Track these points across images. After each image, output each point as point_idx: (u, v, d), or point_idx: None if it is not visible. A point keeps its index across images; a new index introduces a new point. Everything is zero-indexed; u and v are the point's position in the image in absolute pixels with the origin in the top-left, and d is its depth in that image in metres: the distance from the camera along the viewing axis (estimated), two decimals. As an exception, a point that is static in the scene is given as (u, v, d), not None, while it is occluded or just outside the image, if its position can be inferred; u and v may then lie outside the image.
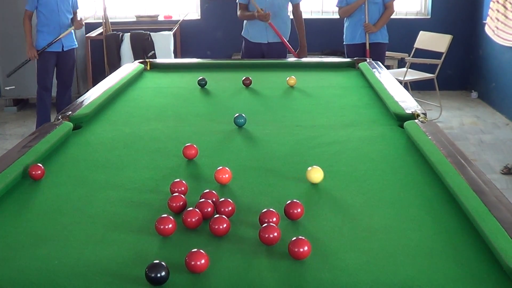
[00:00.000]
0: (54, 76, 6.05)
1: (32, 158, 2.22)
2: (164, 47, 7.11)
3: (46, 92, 6.01)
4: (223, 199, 1.75)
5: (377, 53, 5.88)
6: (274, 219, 1.65)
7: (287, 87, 3.46)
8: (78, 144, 2.51)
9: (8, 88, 7.07)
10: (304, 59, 4.86)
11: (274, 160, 2.26)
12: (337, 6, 6.10)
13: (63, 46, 5.87)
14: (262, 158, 2.30)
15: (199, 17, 7.85)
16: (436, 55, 6.50)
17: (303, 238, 1.48)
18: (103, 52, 7.22)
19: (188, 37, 7.80)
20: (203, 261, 1.41)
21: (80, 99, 3.13)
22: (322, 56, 7.22)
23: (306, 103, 3.16)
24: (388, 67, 6.79)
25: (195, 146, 2.26)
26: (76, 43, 6.09)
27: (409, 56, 6.77)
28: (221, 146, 2.47)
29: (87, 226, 1.71)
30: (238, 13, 5.56)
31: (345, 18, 6.07)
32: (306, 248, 1.46)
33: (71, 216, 1.79)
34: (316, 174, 1.96)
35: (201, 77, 3.58)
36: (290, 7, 5.60)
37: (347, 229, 1.56)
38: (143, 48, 6.99)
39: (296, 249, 1.46)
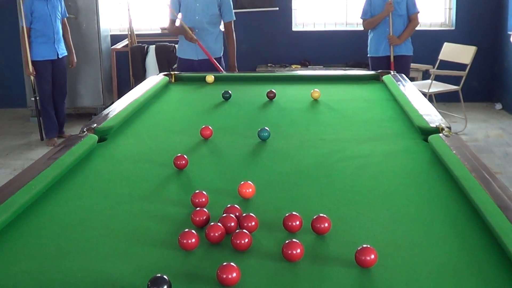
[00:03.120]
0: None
1: (57, 171, 2.24)
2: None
3: (49, 100, 6.25)
4: (246, 213, 1.75)
5: (402, 66, 5.87)
6: (297, 222, 1.68)
7: (311, 100, 3.46)
8: (102, 156, 2.53)
9: (33, 98, 7.16)
10: (328, 72, 4.85)
11: (297, 174, 2.26)
12: (361, 18, 6.11)
13: (58, 54, 6.15)
14: (285, 172, 2.30)
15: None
16: (460, 66, 6.46)
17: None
18: (128, 64, 7.30)
19: (212, 49, 7.84)
20: (234, 274, 1.41)
21: (105, 111, 3.16)
22: (346, 69, 7.21)
23: (330, 117, 3.16)
24: (412, 79, 6.77)
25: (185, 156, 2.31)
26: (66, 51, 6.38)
27: (433, 68, 6.73)
28: (245, 160, 2.48)
29: (110, 239, 1.72)
30: (167, 27, 5.61)
31: (369, 31, 6.07)
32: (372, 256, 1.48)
33: (94, 229, 1.80)
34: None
35: (225, 90, 3.60)
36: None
37: (370, 245, 1.55)
38: (168, 60, 7.05)
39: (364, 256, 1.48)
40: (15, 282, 1.47)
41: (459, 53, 6.56)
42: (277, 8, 7.65)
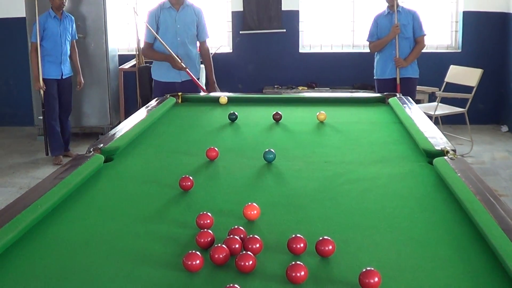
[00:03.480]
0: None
1: (64, 190, 2.26)
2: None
3: (55, 117, 6.32)
4: (251, 235, 1.76)
5: (408, 88, 5.88)
6: (302, 244, 1.69)
7: (317, 122, 3.48)
8: (109, 177, 2.55)
9: (41, 117, 7.20)
10: (334, 94, 4.86)
11: (302, 197, 2.26)
12: (367, 40, 6.14)
13: (62, 73, 6.22)
14: (290, 194, 2.31)
15: (231, 51, 7.94)
16: (466, 89, 6.47)
17: None
18: (135, 84, 7.34)
19: (220, 70, 7.85)
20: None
21: (112, 132, 3.18)
22: (353, 91, 7.24)
23: (336, 139, 3.17)
24: (419, 102, 6.79)
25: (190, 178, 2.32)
26: (71, 71, 6.45)
27: (439, 90, 6.75)
28: (250, 182, 2.48)
29: (114, 260, 1.72)
30: (145, 51, 5.40)
31: (375, 53, 6.09)
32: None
33: (99, 249, 1.81)
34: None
35: (231, 112, 3.62)
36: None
37: (374, 268, 1.55)
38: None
39: None
40: (20, 302, 1.48)
41: (465, 75, 6.58)
42: (285, 30, 7.70)
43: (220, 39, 8.00)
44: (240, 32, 7.80)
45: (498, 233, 1.73)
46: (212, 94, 4.72)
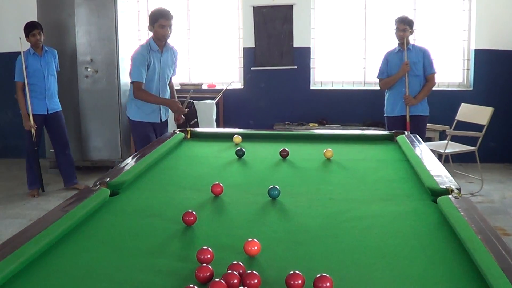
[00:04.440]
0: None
1: (68, 223, 2.29)
2: (207, 115, 7.27)
3: (31, 153, 6.35)
4: (249, 271, 1.77)
5: (418, 126, 5.90)
6: (300, 281, 1.70)
7: (324, 159, 3.49)
8: (113, 210, 2.57)
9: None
10: (343, 131, 4.86)
11: (304, 233, 2.27)
12: (377, 77, 6.18)
13: (47, 109, 6.27)
14: (293, 230, 2.31)
15: (242, 87, 8.00)
16: (477, 127, 6.46)
17: None
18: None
19: (231, 106, 7.95)
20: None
21: (119, 166, 3.21)
22: (364, 128, 7.25)
23: (341, 176, 3.18)
24: (429, 139, 6.80)
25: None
26: (60, 105, 6.49)
27: (450, 128, 6.75)
28: (253, 218, 2.49)
29: None
30: (139, 92, 4.99)
31: (385, 90, 6.13)
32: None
33: (100, 281, 1.82)
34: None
35: (238, 148, 3.65)
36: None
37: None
38: (186, 116, 7.12)
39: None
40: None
41: (476, 113, 6.58)
42: (296, 67, 7.77)
43: (231, 75, 8.08)
44: (252, 68, 7.87)
45: (497, 273, 1.72)
46: (224, 130, 4.72)
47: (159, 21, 4.83)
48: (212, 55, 8.19)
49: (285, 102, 7.90)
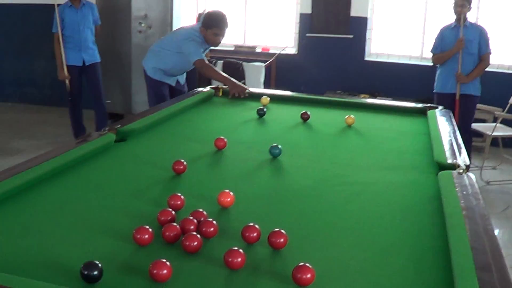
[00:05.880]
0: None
1: (67, 159, 2.36)
2: (255, 77, 7.23)
3: (74, 103, 6.41)
4: (207, 219, 1.75)
5: (467, 105, 5.69)
6: (255, 234, 1.69)
7: (344, 126, 3.41)
8: (113, 155, 2.60)
9: (109, 101, 7.41)
10: (376, 101, 4.72)
11: (289, 192, 2.23)
12: (431, 52, 5.97)
13: (83, 61, 6.30)
14: (279, 188, 2.28)
15: (296, 52, 7.91)
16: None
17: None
18: (195, 77, 7.42)
19: (283, 71, 7.88)
20: (165, 271, 1.44)
21: (136, 114, 3.24)
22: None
23: (354, 143, 3.10)
24: (482, 121, 6.56)
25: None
26: (98, 57, 6.48)
27: (502, 111, 6.47)
28: (245, 173, 2.46)
29: (76, 226, 1.79)
30: (206, 68, 4.72)
31: (438, 66, 5.92)
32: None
33: (68, 216, 1.88)
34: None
35: (260, 107, 3.61)
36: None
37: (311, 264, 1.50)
38: (234, 76, 7.09)
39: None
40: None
41: (533, 98, 6.26)
42: (352, 36, 7.59)
43: (286, 40, 7.99)
44: (307, 34, 7.75)
45: (464, 250, 1.63)
46: (257, 90, 4.65)
47: (214, 29, 4.66)
48: (268, 18, 8.11)
49: (338, 71, 7.76)
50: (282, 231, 1.67)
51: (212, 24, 4.62)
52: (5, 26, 8.38)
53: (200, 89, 4.27)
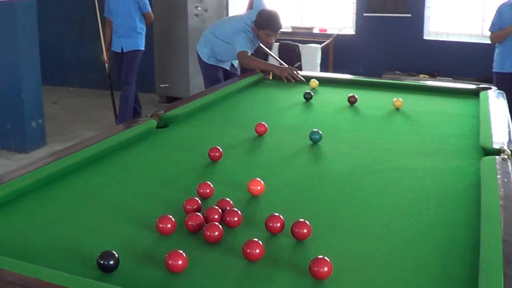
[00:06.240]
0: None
1: (105, 146, 2.41)
2: (311, 59, 7.17)
3: (122, 87, 6.38)
4: (232, 209, 1.75)
5: (527, 85, 5.47)
6: (278, 224, 1.67)
7: (392, 109, 3.33)
8: (152, 141, 2.64)
9: (162, 85, 7.49)
10: (427, 83, 4.58)
11: (323, 179, 2.20)
12: (489, 30, 5.77)
13: (122, 47, 6.27)
14: (313, 175, 2.26)
15: (354, 33, 7.78)
16: None
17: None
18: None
19: (341, 52, 7.78)
20: (180, 262, 1.44)
21: (181, 100, 3.26)
22: (476, 83, 6.82)
23: (399, 127, 3.02)
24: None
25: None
26: (139, 45, 6.32)
27: None
28: (281, 159, 2.44)
29: (100, 213, 1.83)
30: (247, 59, 4.58)
31: (496, 44, 5.72)
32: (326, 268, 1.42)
33: (96, 203, 1.92)
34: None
35: (307, 91, 3.58)
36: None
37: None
38: (290, 58, 7.08)
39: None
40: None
41: None
42: (410, 15, 7.40)
43: (343, 21, 7.86)
44: (364, 14, 7.61)
45: (494, 243, 1.56)
46: (308, 73, 4.59)
47: (266, 30, 4.61)
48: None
49: (397, 51, 7.58)
50: (306, 221, 1.65)
51: (264, 25, 4.59)
52: (65, 12, 8.58)
53: (249, 73, 4.26)
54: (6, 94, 5.66)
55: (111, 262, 1.42)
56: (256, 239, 1.52)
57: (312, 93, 3.55)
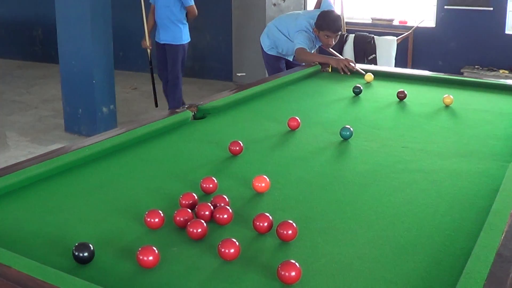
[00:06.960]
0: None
1: (134, 136, 2.48)
2: (386, 52, 6.99)
3: (161, 76, 6.33)
4: (221, 205, 1.74)
5: None
6: (266, 224, 1.64)
7: (441, 106, 3.21)
8: (183, 132, 2.66)
9: (239, 74, 7.55)
10: (485, 79, 4.34)
11: (336, 178, 2.15)
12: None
13: (160, 39, 6.14)
14: (328, 173, 2.21)
15: (434, 25, 7.53)
16: None
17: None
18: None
19: (420, 45, 7.56)
20: (151, 258, 1.45)
21: (225, 91, 3.27)
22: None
23: (441, 125, 2.90)
24: None
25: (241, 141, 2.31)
26: (177, 39, 6.12)
27: None
28: (304, 156, 2.40)
29: (102, 207, 1.87)
30: (305, 55, 4.53)
31: None
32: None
33: (102, 195, 1.95)
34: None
35: (357, 85, 3.50)
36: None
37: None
38: (364, 51, 6.95)
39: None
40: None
41: None
42: (491, 8, 7.07)
43: (423, 13, 7.62)
44: (445, 7, 7.34)
45: (485, 257, 1.46)
46: (368, 67, 4.49)
47: (326, 32, 4.55)
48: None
49: (477, 45, 7.27)
50: (293, 222, 1.61)
51: (324, 26, 4.55)
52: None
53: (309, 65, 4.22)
54: (78, 80, 5.85)
55: (85, 254, 1.45)
56: (232, 239, 1.51)
57: (361, 88, 3.47)
